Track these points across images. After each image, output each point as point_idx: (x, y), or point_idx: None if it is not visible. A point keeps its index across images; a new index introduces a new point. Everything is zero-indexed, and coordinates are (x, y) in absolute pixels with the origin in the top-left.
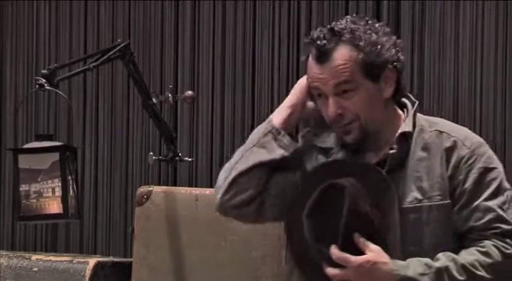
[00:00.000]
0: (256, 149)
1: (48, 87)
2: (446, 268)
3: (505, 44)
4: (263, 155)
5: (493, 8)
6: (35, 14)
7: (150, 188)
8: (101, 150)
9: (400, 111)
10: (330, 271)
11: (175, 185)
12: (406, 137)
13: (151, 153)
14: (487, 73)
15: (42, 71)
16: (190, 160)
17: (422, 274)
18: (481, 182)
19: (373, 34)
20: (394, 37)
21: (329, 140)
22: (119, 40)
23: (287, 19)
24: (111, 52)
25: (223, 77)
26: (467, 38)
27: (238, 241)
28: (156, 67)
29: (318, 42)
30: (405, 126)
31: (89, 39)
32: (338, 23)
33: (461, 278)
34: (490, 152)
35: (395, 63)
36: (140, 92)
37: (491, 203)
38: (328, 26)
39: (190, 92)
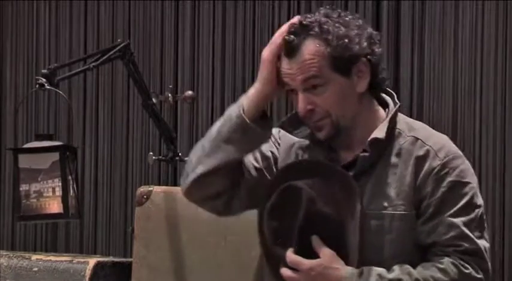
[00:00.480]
0: (225, 145)
1: (48, 87)
2: None
3: (505, 44)
4: (231, 154)
5: (493, 8)
6: (35, 14)
7: (150, 188)
8: (101, 150)
9: (379, 109)
10: (284, 271)
11: (175, 185)
12: (381, 142)
13: (151, 153)
14: (487, 73)
15: (42, 71)
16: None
17: None
18: (450, 196)
19: (342, 27)
20: (368, 30)
21: (304, 134)
22: (119, 40)
23: (287, 19)
24: (111, 52)
25: (223, 77)
26: (467, 38)
27: (238, 241)
28: (156, 67)
29: (287, 36)
30: (378, 132)
31: (89, 39)
32: (308, 16)
33: None
34: (465, 166)
35: (368, 57)
36: (140, 92)
37: (456, 220)
38: (299, 20)
39: (190, 92)
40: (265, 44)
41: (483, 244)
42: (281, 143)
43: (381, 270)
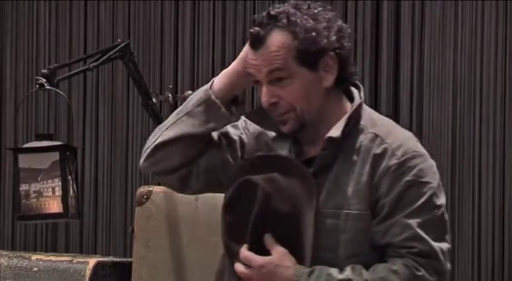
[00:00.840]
0: (186, 118)
1: (48, 87)
2: None
3: (505, 44)
4: (191, 127)
5: (493, 8)
6: (35, 14)
7: (150, 188)
8: (101, 150)
9: (347, 104)
10: (237, 267)
11: None
12: (336, 140)
13: None
14: (487, 73)
15: (42, 71)
16: None
17: None
18: (406, 196)
19: (310, 20)
20: (338, 23)
21: (274, 126)
22: (119, 40)
23: None
24: (111, 52)
25: None
26: (467, 38)
27: None
28: (156, 67)
29: (253, 27)
30: (334, 130)
31: (89, 39)
32: (277, 7)
33: None
34: (426, 165)
35: (337, 51)
36: (140, 92)
37: (411, 221)
38: (268, 10)
39: (190, 92)
40: None
41: (439, 246)
42: (250, 129)
43: (332, 270)
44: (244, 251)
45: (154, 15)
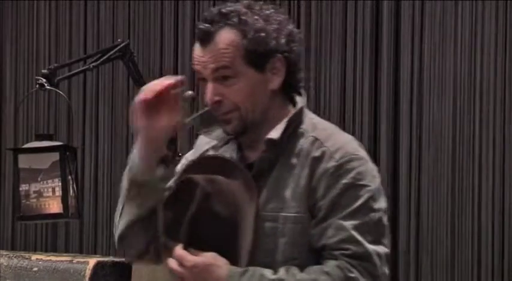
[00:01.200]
0: (127, 203)
1: (48, 87)
2: None
3: (505, 44)
4: (136, 210)
5: (493, 8)
6: (35, 14)
7: None
8: (101, 150)
9: (291, 110)
10: (170, 263)
11: None
12: (275, 142)
13: None
14: (487, 73)
15: (42, 71)
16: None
17: None
18: (342, 199)
19: (261, 20)
20: (289, 27)
21: (216, 134)
22: (119, 40)
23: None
24: (111, 52)
25: None
26: (467, 37)
27: None
28: (156, 67)
29: (203, 23)
30: (274, 132)
31: (88, 39)
32: (228, 5)
33: None
34: (364, 168)
35: (285, 54)
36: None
37: (346, 223)
38: (219, 8)
39: (190, 92)
40: None
41: (375, 249)
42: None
43: (266, 271)
44: (178, 250)
45: (154, 15)
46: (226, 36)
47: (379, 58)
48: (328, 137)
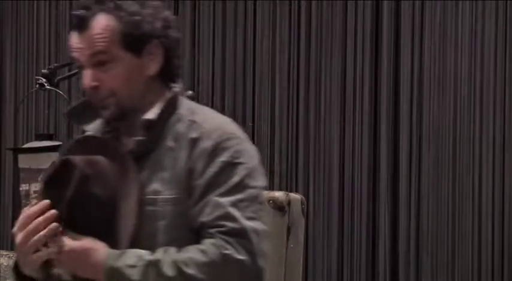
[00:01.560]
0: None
1: (48, 87)
2: (157, 262)
3: (505, 44)
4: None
5: (493, 8)
6: (35, 14)
7: None
8: None
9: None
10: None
11: None
12: (152, 123)
13: None
14: (487, 73)
15: (42, 71)
16: None
17: (132, 266)
18: (219, 176)
19: (136, 5)
20: (165, 13)
21: (93, 126)
22: None
23: (288, 19)
24: None
25: (223, 77)
26: (467, 38)
27: None
28: None
29: (78, 10)
30: (149, 114)
31: None
32: None
33: (170, 274)
34: (242, 147)
35: (162, 39)
36: None
37: (223, 199)
38: None
39: (190, 92)
40: (265, 44)
41: (251, 225)
42: None
43: (142, 252)
44: (55, 234)
45: None
46: (101, 22)
47: (379, 58)
48: (205, 119)
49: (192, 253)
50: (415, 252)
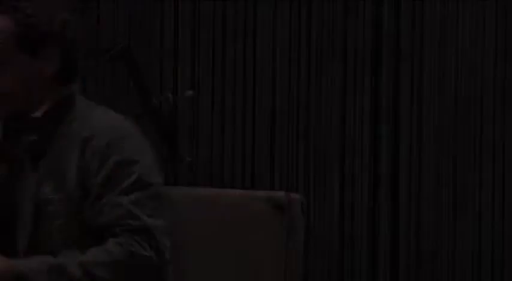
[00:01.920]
0: None
1: None
2: (61, 265)
3: (505, 44)
4: None
5: (493, 8)
6: None
7: None
8: None
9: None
10: None
11: (175, 185)
12: (38, 121)
13: None
14: (487, 73)
15: None
16: (190, 159)
17: (37, 271)
18: (114, 175)
19: (33, 6)
20: (64, 15)
21: None
22: (119, 40)
23: (288, 19)
24: (111, 52)
25: (224, 76)
26: (467, 38)
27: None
28: (156, 67)
29: None
30: (37, 112)
31: (89, 39)
32: None
33: (77, 276)
34: (135, 146)
35: (59, 41)
36: (140, 92)
37: (122, 199)
38: None
39: (190, 92)
40: (265, 44)
41: (152, 222)
42: None
43: (45, 257)
44: None
45: (154, 15)
46: None
47: (379, 58)
48: (100, 118)
49: (97, 253)
50: (415, 252)
